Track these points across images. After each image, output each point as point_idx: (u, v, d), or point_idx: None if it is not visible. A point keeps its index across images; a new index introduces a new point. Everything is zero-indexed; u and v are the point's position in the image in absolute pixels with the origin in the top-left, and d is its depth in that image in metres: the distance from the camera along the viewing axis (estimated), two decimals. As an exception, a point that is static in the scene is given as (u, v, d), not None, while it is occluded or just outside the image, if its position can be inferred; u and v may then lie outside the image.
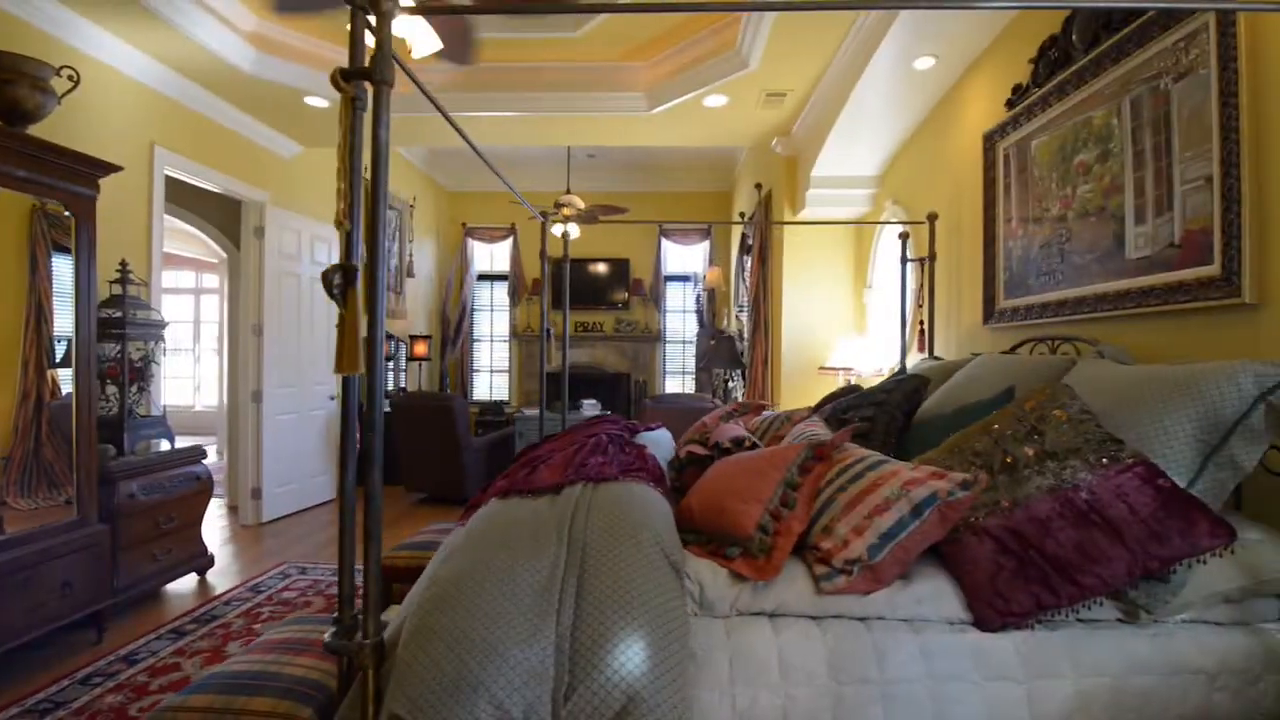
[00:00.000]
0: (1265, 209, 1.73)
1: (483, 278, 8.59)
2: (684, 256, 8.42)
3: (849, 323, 4.83)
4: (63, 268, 2.82)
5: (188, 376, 9.38)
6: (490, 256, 8.58)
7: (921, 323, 3.49)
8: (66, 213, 2.76)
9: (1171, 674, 1.35)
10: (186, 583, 3.59)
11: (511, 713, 1.09)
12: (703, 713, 1.28)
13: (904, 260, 3.58)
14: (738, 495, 1.65)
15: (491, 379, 8.72)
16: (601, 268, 8.29)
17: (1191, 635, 1.40)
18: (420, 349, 7.09)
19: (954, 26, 2.96)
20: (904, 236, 3.61)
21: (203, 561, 3.64)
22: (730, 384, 6.36)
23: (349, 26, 1.41)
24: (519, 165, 7.93)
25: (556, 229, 6.25)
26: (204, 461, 3.69)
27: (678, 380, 8.57)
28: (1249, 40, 1.77)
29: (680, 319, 8.56)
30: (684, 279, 8.51)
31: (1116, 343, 2.20)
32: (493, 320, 8.68)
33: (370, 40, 2.62)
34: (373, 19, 1.36)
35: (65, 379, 2.86)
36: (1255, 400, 1.46)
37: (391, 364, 6.82)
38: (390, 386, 6.84)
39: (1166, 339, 2.06)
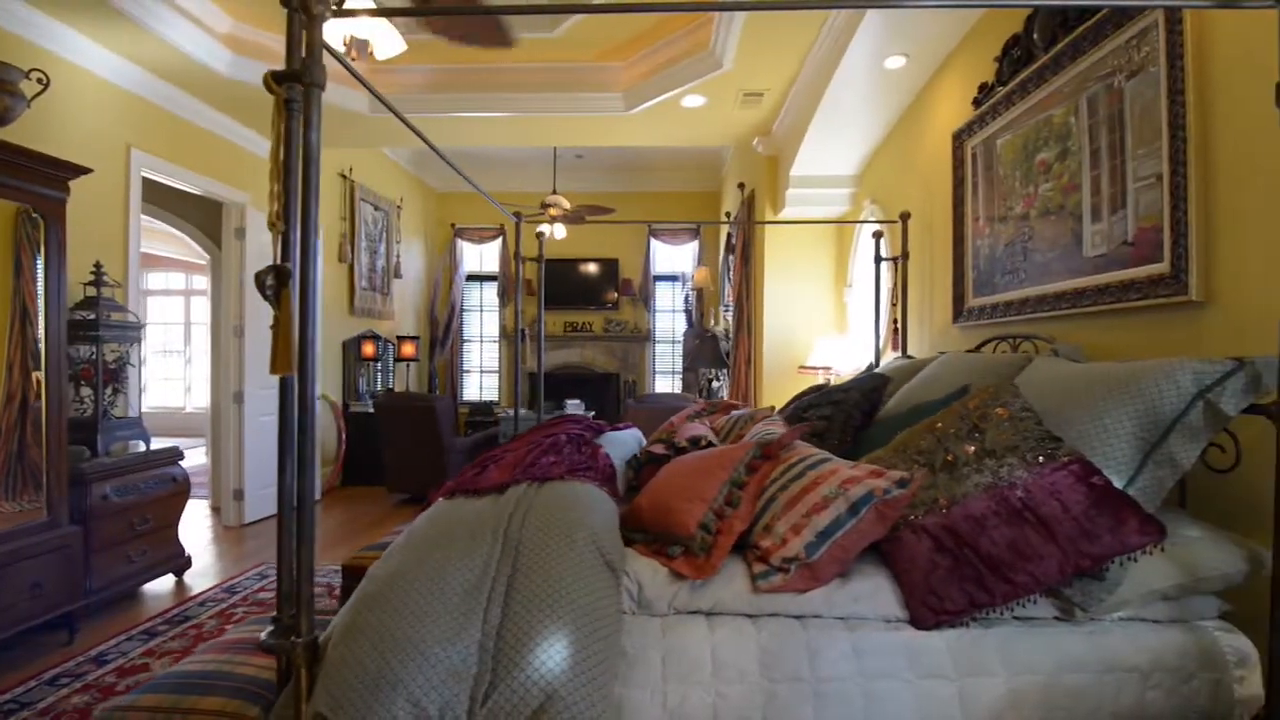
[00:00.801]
0: (1212, 206, 1.74)
1: (472, 278, 8.59)
2: (673, 256, 8.43)
3: (830, 322, 4.83)
4: (48, 271, 2.84)
5: (179, 378, 9.38)
6: (480, 257, 8.58)
7: (895, 321, 3.50)
8: (34, 214, 2.77)
9: (1104, 672, 1.35)
10: (164, 583, 3.60)
11: (428, 710, 1.10)
12: (634, 711, 1.29)
13: (878, 259, 3.58)
14: (683, 494, 1.65)
15: (481, 379, 8.73)
16: (591, 268, 8.29)
17: (1126, 633, 1.40)
18: (408, 350, 7.09)
19: (922, 25, 2.96)
20: (877, 235, 3.61)
21: (180, 562, 3.64)
22: (715, 384, 6.37)
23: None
24: (507, 166, 7.94)
25: (543, 229, 6.27)
26: (182, 463, 3.70)
27: (667, 380, 8.58)
28: (1196, 37, 1.77)
29: (670, 319, 8.57)
30: (673, 279, 8.51)
31: (1075, 341, 2.21)
32: (482, 320, 8.69)
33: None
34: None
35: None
36: (1194, 398, 1.46)
37: (379, 365, 6.82)
38: (378, 387, 6.85)
39: (1121, 337, 2.06)
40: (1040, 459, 1.44)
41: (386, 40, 2.47)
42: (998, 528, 1.39)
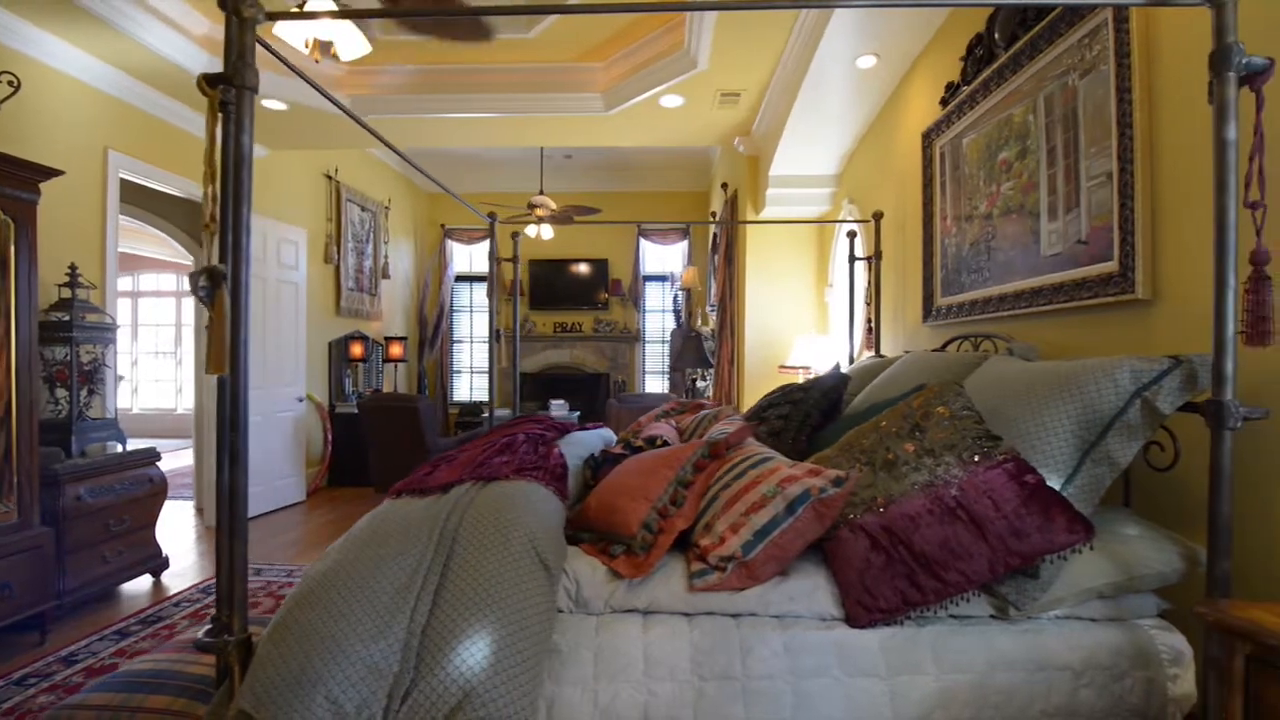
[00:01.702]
0: (1158, 205, 1.74)
1: (462, 278, 8.60)
2: (663, 256, 8.43)
3: (811, 322, 4.83)
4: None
5: (170, 380, 9.40)
6: (470, 257, 8.59)
7: (870, 321, 3.50)
8: (4, 216, 2.78)
9: (1036, 670, 1.35)
10: (141, 584, 3.61)
11: (345, 708, 1.10)
12: (565, 708, 1.29)
13: (852, 259, 3.58)
14: (628, 493, 1.65)
15: (471, 379, 8.74)
16: (581, 268, 8.30)
17: (1060, 632, 1.40)
18: (396, 350, 7.10)
19: (890, 25, 2.96)
20: (852, 235, 3.61)
21: (157, 563, 3.65)
22: (699, 383, 6.37)
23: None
24: (495, 167, 7.95)
25: (529, 229, 6.27)
26: (162, 464, 3.71)
27: (658, 380, 8.58)
28: (1142, 36, 1.77)
29: (660, 318, 8.57)
30: (663, 279, 8.51)
31: (1033, 339, 2.21)
32: (472, 321, 8.69)
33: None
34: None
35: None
36: (1132, 396, 1.46)
37: (368, 365, 6.83)
38: (366, 388, 6.86)
39: (1076, 335, 2.06)
40: (976, 458, 1.45)
41: (350, 41, 2.48)
42: (931, 526, 1.39)
